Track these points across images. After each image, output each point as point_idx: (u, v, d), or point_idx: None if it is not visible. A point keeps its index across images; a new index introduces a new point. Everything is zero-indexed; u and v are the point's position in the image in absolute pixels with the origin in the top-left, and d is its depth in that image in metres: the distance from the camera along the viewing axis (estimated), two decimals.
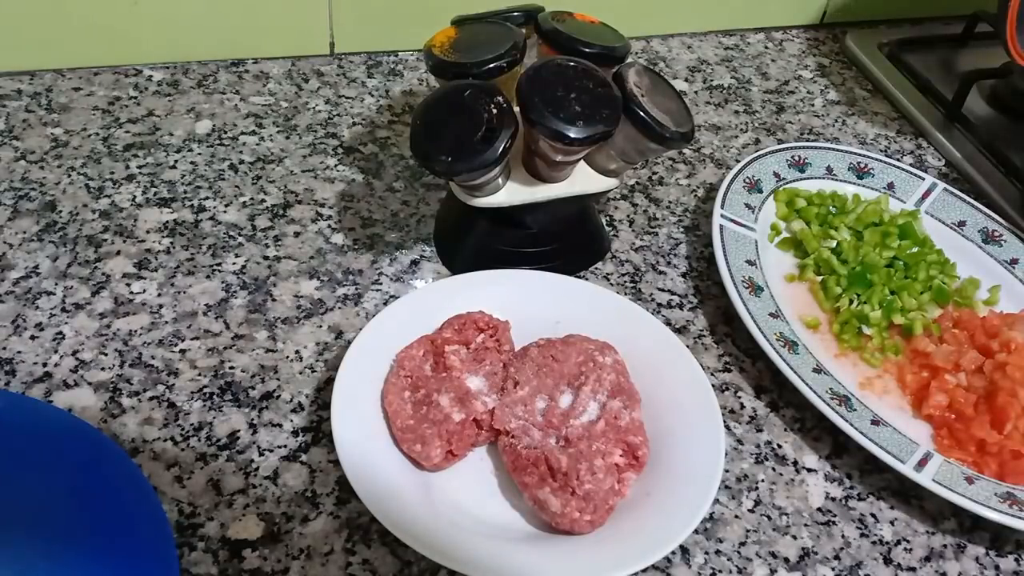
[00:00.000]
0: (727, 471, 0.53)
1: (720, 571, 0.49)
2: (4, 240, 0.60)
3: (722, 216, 0.65)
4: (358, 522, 0.48)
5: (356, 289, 0.61)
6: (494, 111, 0.51)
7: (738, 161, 0.73)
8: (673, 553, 0.47)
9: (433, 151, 0.52)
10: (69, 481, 0.44)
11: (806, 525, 0.52)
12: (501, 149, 0.51)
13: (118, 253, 0.61)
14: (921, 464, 0.53)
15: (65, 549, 0.41)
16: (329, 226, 0.65)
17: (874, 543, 0.52)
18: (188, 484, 0.48)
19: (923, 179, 0.75)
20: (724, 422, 0.52)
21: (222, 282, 0.60)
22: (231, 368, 0.55)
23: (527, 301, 0.58)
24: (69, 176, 0.66)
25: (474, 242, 0.62)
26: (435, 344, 0.54)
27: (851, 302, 0.64)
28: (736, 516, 0.52)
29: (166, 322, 0.57)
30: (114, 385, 0.53)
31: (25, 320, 0.55)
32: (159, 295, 0.58)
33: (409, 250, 0.64)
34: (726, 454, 0.51)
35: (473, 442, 0.51)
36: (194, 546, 0.46)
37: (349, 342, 0.53)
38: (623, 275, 0.65)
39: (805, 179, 0.73)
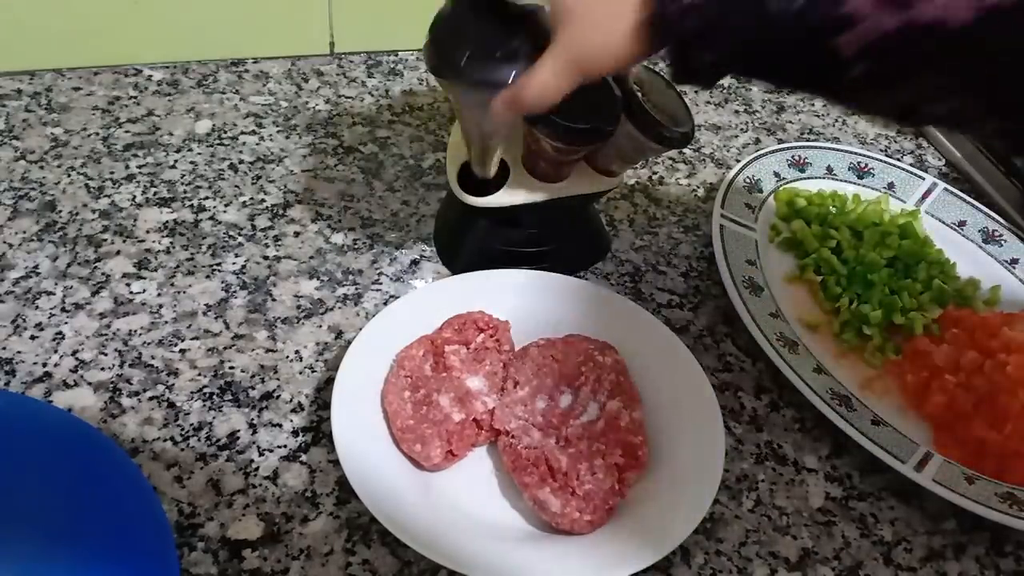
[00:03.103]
0: (727, 471, 0.53)
1: (720, 571, 0.49)
2: (4, 240, 0.60)
3: (722, 216, 0.65)
4: (358, 522, 0.48)
5: (356, 289, 0.61)
6: (529, 32, 0.46)
7: (738, 161, 0.73)
8: (673, 553, 0.47)
9: (451, 44, 0.47)
10: (69, 481, 0.44)
11: (806, 525, 0.52)
12: (512, 76, 0.46)
13: (118, 253, 0.61)
14: (921, 464, 0.53)
15: (65, 549, 0.41)
16: (329, 226, 0.65)
17: (874, 543, 0.52)
18: (188, 484, 0.48)
19: (923, 179, 0.75)
20: (724, 422, 0.52)
21: (222, 282, 0.60)
22: (231, 368, 0.55)
23: (527, 301, 0.58)
24: (69, 176, 0.66)
25: (474, 242, 0.62)
26: (435, 344, 0.54)
27: (851, 302, 0.64)
28: (736, 516, 0.52)
29: (166, 322, 0.57)
30: (114, 385, 0.53)
31: (25, 320, 0.55)
32: (159, 295, 0.58)
33: (409, 250, 0.64)
34: (726, 454, 0.51)
35: (473, 442, 0.51)
36: (194, 546, 0.46)
37: (349, 342, 0.53)
38: (623, 275, 0.65)
39: (805, 179, 0.73)
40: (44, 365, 0.53)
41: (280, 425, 0.52)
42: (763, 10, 0.38)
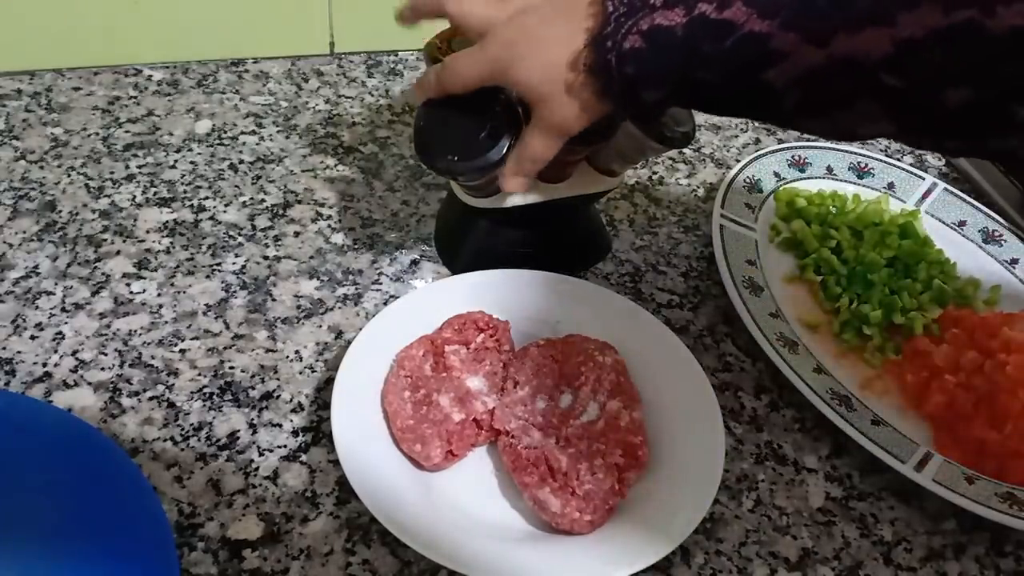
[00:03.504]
0: (727, 471, 0.53)
1: (720, 571, 0.49)
2: (4, 240, 0.60)
3: (722, 216, 0.65)
4: (358, 522, 0.48)
5: (356, 289, 0.61)
6: (498, 109, 0.51)
7: (738, 161, 0.73)
8: (673, 553, 0.47)
9: (437, 151, 0.51)
10: (69, 481, 0.44)
11: (806, 525, 0.52)
12: (506, 147, 0.50)
13: (118, 253, 0.61)
14: (921, 464, 0.53)
15: (65, 549, 0.41)
16: (329, 226, 0.65)
17: (874, 543, 0.52)
18: (188, 484, 0.48)
19: (923, 179, 0.75)
20: (724, 422, 0.52)
21: (222, 282, 0.60)
22: (231, 368, 0.55)
23: (527, 301, 0.58)
24: (69, 176, 0.66)
25: (474, 242, 0.62)
26: (435, 344, 0.54)
27: (851, 302, 0.64)
28: (736, 516, 0.52)
29: (166, 322, 0.57)
30: (114, 385, 0.53)
31: (25, 320, 0.55)
32: (159, 295, 0.58)
33: (409, 250, 0.64)
34: (726, 454, 0.51)
35: (473, 442, 0.51)
36: (194, 546, 0.46)
37: (349, 342, 0.53)
38: (623, 275, 0.65)
39: (805, 179, 0.73)
40: (44, 365, 0.53)
41: (280, 425, 0.52)
42: (697, 50, 0.41)
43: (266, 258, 0.62)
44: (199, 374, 0.54)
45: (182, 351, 0.55)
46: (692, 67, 0.42)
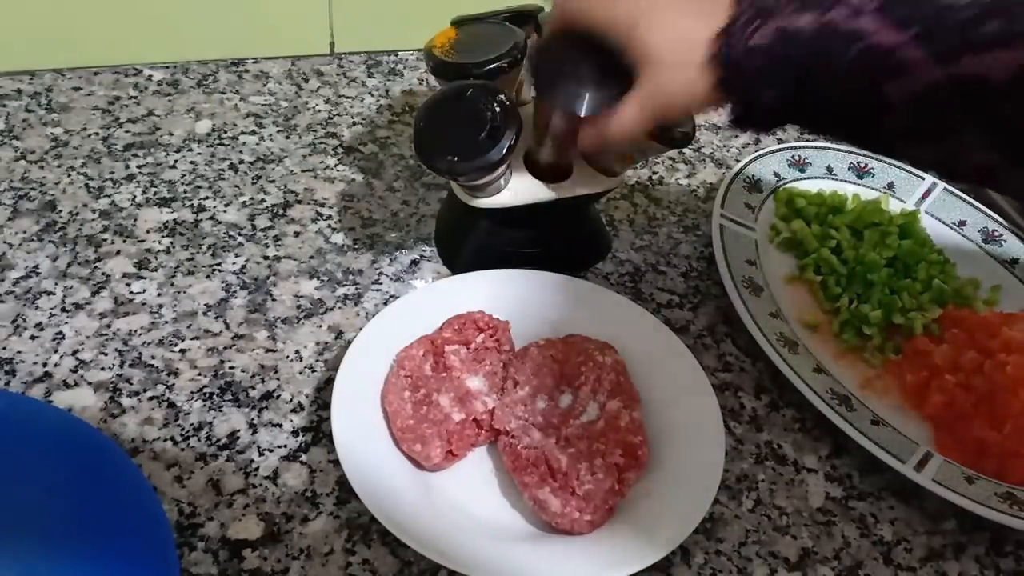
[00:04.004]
0: (727, 471, 0.53)
1: (720, 571, 0.49)
2: (4, 240, 0.60)
3: (722, 216, 0.65)
4: (358, 522, 0.48)
5: (356, 289, 0.61)
6: (497, 110, 0.51)
7: (738, 161, 0.73)
8: (673, 553, 0.47)
9: (437, 151, 0.52)
10: (69, 481, 0.44)
11: (806, 525, 0.52)
12: (506, 148, 0.51)
13: (118, 253, 0.61)
14: (921, 464, 0.53)
15: (65, 549, 0.41)
16: (329, 226, 0.65)
17: (874, 543, 0.52)
18: (188, 484, 0.48)
19: (923, 179, 0.75)
20: (724, 422, 0.52)
21: (222, 282, 0.60)
22: (231, 368, 0.55)
23: (527, 301, 0.58)
24: (69, 176, 0.66)
25: (474, 242, 0.62)
26: (435, 344, 0.54)
27: (851, 302, 0.64)
28: (736, 516, 0.52)
29: (166, 322, 0.57)
30: (114, 385, 0.53)
31: (25, 320, 0.55)
32: (159, 295, 0.58)
33: (409, 250, 0.64)
34: (726, 454, 0.51)
35: (473, 442, 0.51)
36: (194, 546, 0.46)
37: (349, 342, 0.53)
38: (623, 275, 0.65)
39: (805, 179, 0.73)
40: (44, 365, 0.53)
41: (280, 425, 0.52)
42: (822, 54, 0.41)
43: (266, 258, 0.62)
44: (199, 374, 0.54)
45: (182, 351, 0.55)
46: (814, 71, 0.41)
